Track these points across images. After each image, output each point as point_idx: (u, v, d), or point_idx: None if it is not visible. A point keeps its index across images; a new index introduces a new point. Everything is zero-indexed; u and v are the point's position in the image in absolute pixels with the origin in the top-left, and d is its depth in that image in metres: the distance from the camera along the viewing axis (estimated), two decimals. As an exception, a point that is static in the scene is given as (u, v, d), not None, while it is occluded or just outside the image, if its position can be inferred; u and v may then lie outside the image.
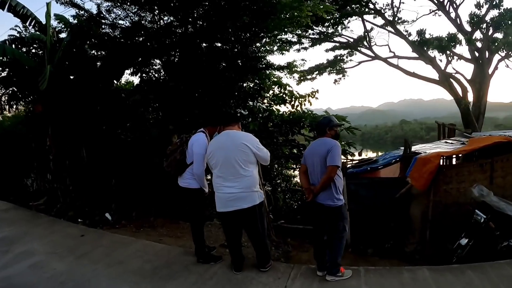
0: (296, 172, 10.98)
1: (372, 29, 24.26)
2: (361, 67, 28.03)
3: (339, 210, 4.04)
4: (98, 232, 6.44)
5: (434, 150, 7.21)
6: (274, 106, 10.43)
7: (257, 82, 10.21)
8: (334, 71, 27.01)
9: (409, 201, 6.61)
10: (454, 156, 7.42)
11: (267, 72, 10.45)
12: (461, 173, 6.22)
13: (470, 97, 20.60)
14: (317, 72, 26.71)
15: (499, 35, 19.43)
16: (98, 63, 9.48)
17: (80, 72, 8.74)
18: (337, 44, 25.18)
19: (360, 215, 6.99)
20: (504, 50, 19.12)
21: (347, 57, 25.98)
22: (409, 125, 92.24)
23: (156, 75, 10.15)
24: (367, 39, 23.94)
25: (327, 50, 25.98)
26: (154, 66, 10.19)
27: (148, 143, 8.83)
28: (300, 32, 21.89)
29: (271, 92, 10.66)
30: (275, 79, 10.57)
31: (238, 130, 4.32)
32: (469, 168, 6.24)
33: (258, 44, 10.30)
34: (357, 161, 9.45)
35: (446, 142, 8.90)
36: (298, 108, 10.47)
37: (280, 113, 10.21)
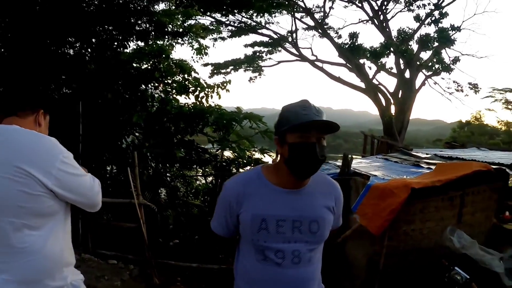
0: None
1: (297, 30, 23.13)
2: (276, 68, 26.98)
3: None
4: None
5: (382, 172, 5.56)
6: (174, 95, 8.12)
7: (155, 61, 7.77)
8: (251, 68, 25.57)
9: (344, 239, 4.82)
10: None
11: (165, 43, 8.06)
12: (426, 209, 4.56)
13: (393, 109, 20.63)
14: (232, 67, 25.15)
15: (424, 55, 20.18)
16: None
17: None
18: (257, 41, 23.77)
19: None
20: (427, 71, 19.49)
21: (266, 55, 24.54)
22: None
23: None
24: (294, 37, 22.69)
25: (246, 46, 24.34)
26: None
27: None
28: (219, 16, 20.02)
29: (176, 78, 8.29)
30: (177, 61, 8.19)
31: (33, 127, 1.79)
32: (437, 202, 4.60)
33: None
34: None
35: (387, 159, 7.41)
36: (204, 101, 8.29)
37: (177, 104, 7.94)
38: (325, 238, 1.75)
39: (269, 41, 23.34)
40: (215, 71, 24.35)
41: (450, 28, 19.40)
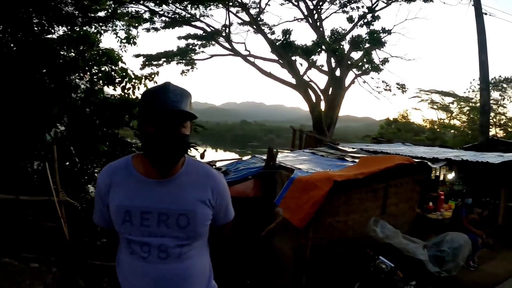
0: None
1: (231, 24, 23.00)
2: (209, 62, 26.70)
3: None
4: None
5: (308, 165, 5.73)
6: (100, 86, 7.70)
7: (80, 49, 7.32)
8: (183, 61, 25.03)
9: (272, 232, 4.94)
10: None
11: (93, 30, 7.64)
12: (350, 202, 4.78)
13: (323, 106, 21.04)
14: (165, 59, 24.43)
15: (355, 55, 20.78)
16: None
17: None
18: (191, 33, 23.40)
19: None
20: (358, 70, 20.49)
21: (199, 48, 24.17)
22: (249, 126, 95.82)
23: None
24: (228, 32, 22.57)
25: (179, 38, 23.90)
26: None
27: None
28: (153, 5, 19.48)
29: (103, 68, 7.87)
30: (105, 50, 7.79)
31: None
32: (360, 194, 4.85)
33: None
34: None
35: (314, 153, 7.65)
36: (130, 92, 7.95)
37: (103, 96, 7.53)
38: (200, 233, 1.60)
39: (203, 34, 23.02)
40: (146, 62, 23.57)
41: (381, 31, 20.19)
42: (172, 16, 21.85)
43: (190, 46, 24.11)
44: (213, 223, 1.65)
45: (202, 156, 11.33)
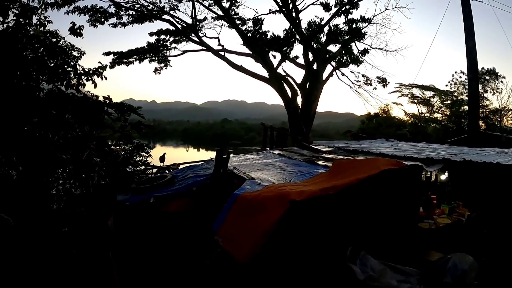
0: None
1: (205, 18, 22.11)
2: (187, 60, 25.65)
3: None
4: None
5: (266, 172, 4.56)
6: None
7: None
8: (156, 58, 23.82)
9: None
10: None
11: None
12: (317, 223, 3.59)
13: (300, 101, 20.22)
14: (137, 56, 23.26)
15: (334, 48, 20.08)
16: None
17: None
18: (163, 29, 22.28)
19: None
20: (336, 64, 19.99)
21: (171, 44, 22.95)
22: (230, 124, 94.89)
23: None
24: (196, 25, 21.38)
25: (151, 34, 22.65)
26: None
27: None
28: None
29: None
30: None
31: None
32: (332, 213, 3.63)
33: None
34: (148, 175, 6.43)
35: (280, 154, 6.52)
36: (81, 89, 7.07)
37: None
38: None
39: (174, 29, 21.87)
40: (117, 60, 22.51)
41: (360, 20, 19.36)
42: (139, 10, 20.66)
43: (161, 42, 23.02)
44: None
45: (162, 159, 10.18)
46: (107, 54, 22.22)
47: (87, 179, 5.88)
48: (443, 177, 7.89)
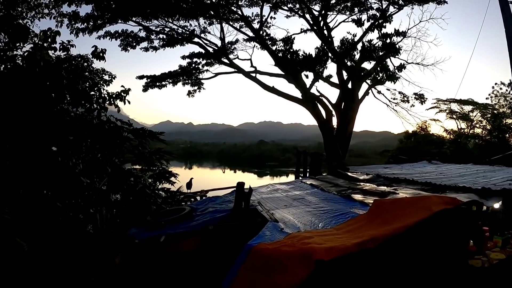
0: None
1: (237, 40, 22.16)
2: (222, 82, 25.69)
3: None
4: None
5: (294, 211, 3.92)
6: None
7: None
8: (189, 81, 23.90)
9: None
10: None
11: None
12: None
13: (335, 122, 19.58)
14: (170, 80, 23.38)
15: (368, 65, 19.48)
16: None
17: None
18: (195, 52, 22.46)
19: None
20: (371, 81, 19.27)
21: (203, 66, 23.02)
22: (266, 146, 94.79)
23: None
24: (225, 47, 21.40)
25: (183, 57, 22.84)
26: None
27: None
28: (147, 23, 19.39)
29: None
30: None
31: None
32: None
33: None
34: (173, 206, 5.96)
35: (313, 185, 5.80)
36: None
37: None
38: None
39: (206, 52, 21.98)
40: (150, 83, 22.76)
41: (394, 34, 18.75)
42: (170, 34, 20.91)
43: (194, 65, 23.12)
44: None
45: (189, 185, 9.73)
46: (141, 77, 22.55)
47: (95, 213, 5.48)
48: (496, 205, 6.93)
